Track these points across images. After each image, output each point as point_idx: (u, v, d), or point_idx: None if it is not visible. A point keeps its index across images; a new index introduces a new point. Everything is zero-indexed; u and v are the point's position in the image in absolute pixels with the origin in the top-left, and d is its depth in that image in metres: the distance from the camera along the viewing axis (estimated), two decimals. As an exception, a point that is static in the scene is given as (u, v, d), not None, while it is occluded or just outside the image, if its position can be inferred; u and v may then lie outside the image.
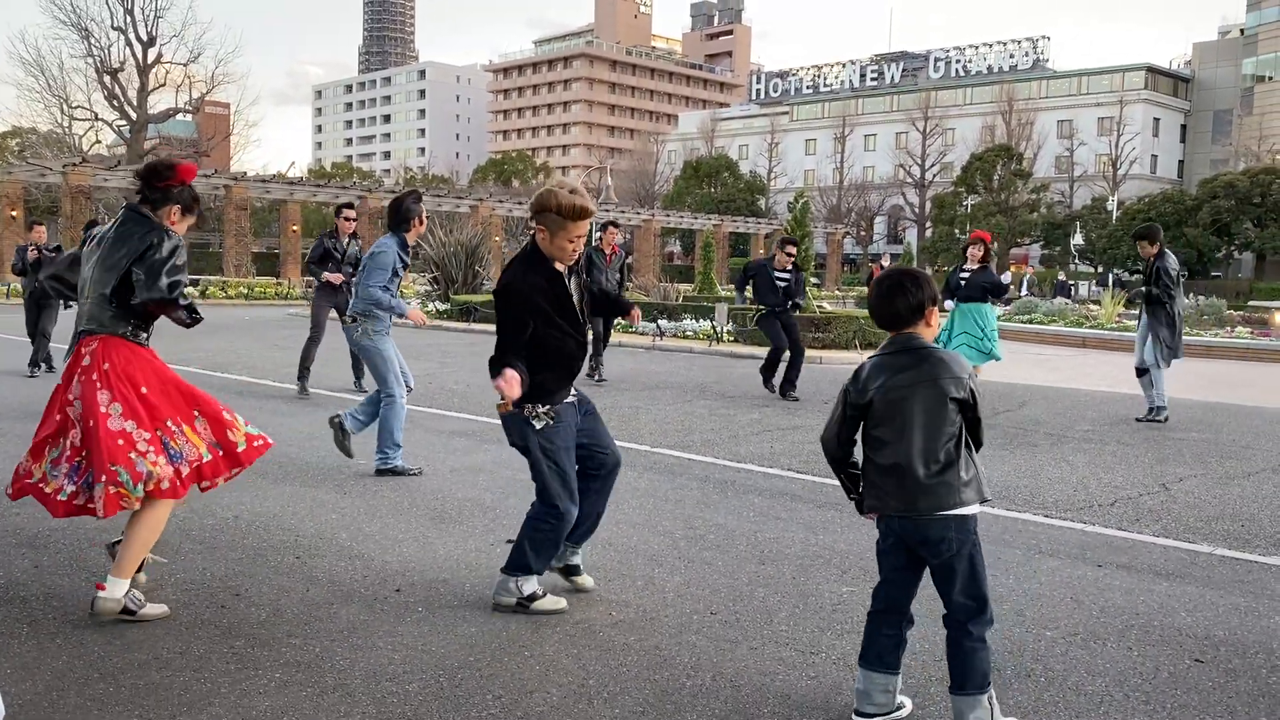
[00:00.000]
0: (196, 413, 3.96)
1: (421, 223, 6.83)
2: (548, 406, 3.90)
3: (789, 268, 11.23)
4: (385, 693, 3.23)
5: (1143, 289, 9.54)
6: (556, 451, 3.94)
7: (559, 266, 3.91)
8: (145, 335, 3.98)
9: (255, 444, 4.07)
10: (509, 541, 5.00)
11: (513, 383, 3.67)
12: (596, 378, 11.97)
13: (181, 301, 3.90)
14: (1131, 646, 3.81)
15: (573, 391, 4.07)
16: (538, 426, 3.89)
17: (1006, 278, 11.69)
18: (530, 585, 4.00)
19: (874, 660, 3.09)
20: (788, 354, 11.13)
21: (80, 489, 3.78)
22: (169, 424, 3.84)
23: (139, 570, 4.05)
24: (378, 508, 5.64)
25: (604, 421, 4.25)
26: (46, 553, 4.64)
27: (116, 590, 3.73)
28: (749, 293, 11.65)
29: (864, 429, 3.11)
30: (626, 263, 12.77)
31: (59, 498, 3.77)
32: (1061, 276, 43.62)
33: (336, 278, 10.12)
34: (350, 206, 10.79)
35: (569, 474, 3.98)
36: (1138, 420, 9.66)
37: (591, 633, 3.80)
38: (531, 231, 4.01)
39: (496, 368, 3.76)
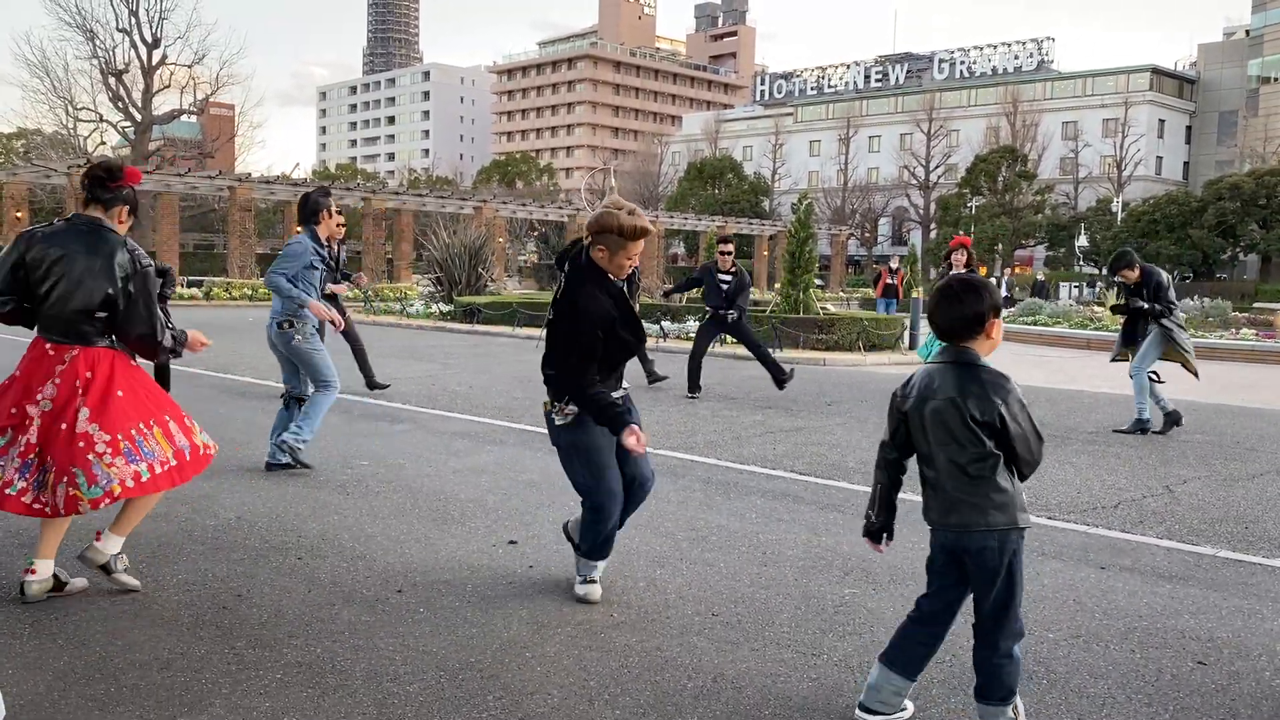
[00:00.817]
0: (167, 417, 4.04)
1: (331, 216, 6.86)
2: (574, 407, 4.05)
3: (731, 270, 11.08)
4: (387, 693, 3.23)
5: (1142, 305, 9.16)
6: (588, 450, 4.09)
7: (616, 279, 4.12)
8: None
9: (208, 450, 4.20)
10: (511, 543, 5.01)
11: (643, 440, 3.93)
12: None
13: (165, 343, 4.06)
14: (1134, 649, 3.80)
15: (623, 387, 4.26)
16: (558, 422, 4.09)
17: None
18: (596, 570, 4.29)
19: (897, 662, 3.05)
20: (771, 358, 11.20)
21: (30, 486, 3.82)
22: (141, 426, 3.91)
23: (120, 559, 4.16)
24: (379, 509, 5.64)
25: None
26: (49, 553, 4.64)
27: (112, 545, 4.04)
28: (695, 294, 11.63)
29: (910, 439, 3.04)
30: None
31: (8, 492, 3.80)
32: (1040, 277, 43.38)
33: (341, 288, 10.22)
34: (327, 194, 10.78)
35: (602, 470, 4.11)
36: (1160, 431, 9.22)
37: (593, 633, 3.80)
38: (536, 233, 4.11)
39: (597, 409, 3.94)
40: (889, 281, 21.71)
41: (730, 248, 11.25)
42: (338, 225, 10.19)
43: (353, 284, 10.67)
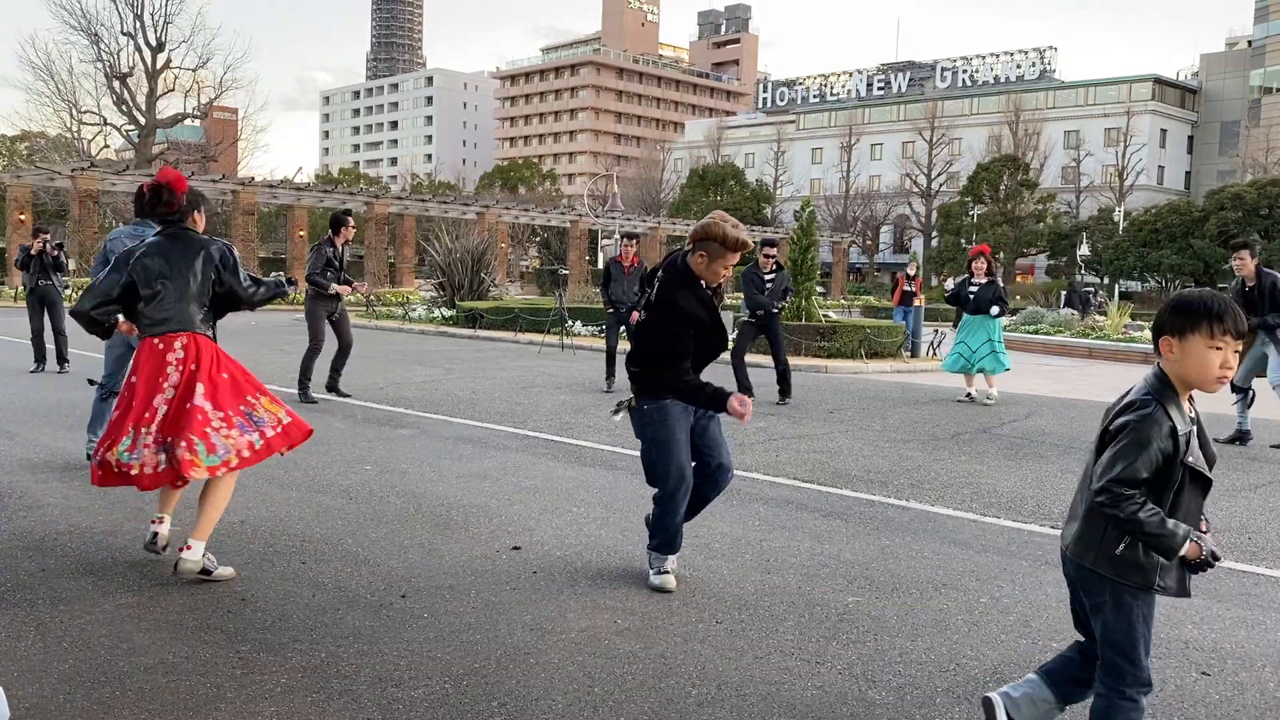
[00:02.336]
0: (261, 395, 4.48)
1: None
2: (644, 401, 4.45)
3: (770, 271, 11.47)
4: (391, 699, 3.23)
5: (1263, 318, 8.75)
6: (666, 443, 4.41)
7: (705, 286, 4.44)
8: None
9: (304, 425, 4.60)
10: (515, 549, 5.02)
11: (748, 404, 4.22)
12: (608, 386, 11.97)
13: (264, 293, 4.69)
14: (1138, 659, 3.80)
15: None
16: (617, 417, 4.60)
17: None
18: (667, 563, 4.54)
19: (1041, 672, 2.94)
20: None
21: (159, 458, 4.24)
22: (249, 399, 4.39)
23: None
24: (383, 513, 5.65)
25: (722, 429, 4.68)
26: (53, 556, 4.65)
27: (198, 551, 4.27)
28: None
29: None
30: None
31: (146, 471, 4.21)
32: (1087, 287, 42.73)
33: (346, 289, 10.22)
34: (349, 213, 10.81)
35: (674, 459, 4.42)
36: (1222, 441, 8.99)
37: (597, 640, 3.80)
38: (538, 239, 4.24)
39: (696, 393, 4.33)
40: (907, 289, 21.34)
41: (774, 250, 11.68)
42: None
43: (353, 289, 10.68)
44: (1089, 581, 2.68)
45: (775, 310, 11.38)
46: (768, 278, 11.42)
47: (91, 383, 6.99)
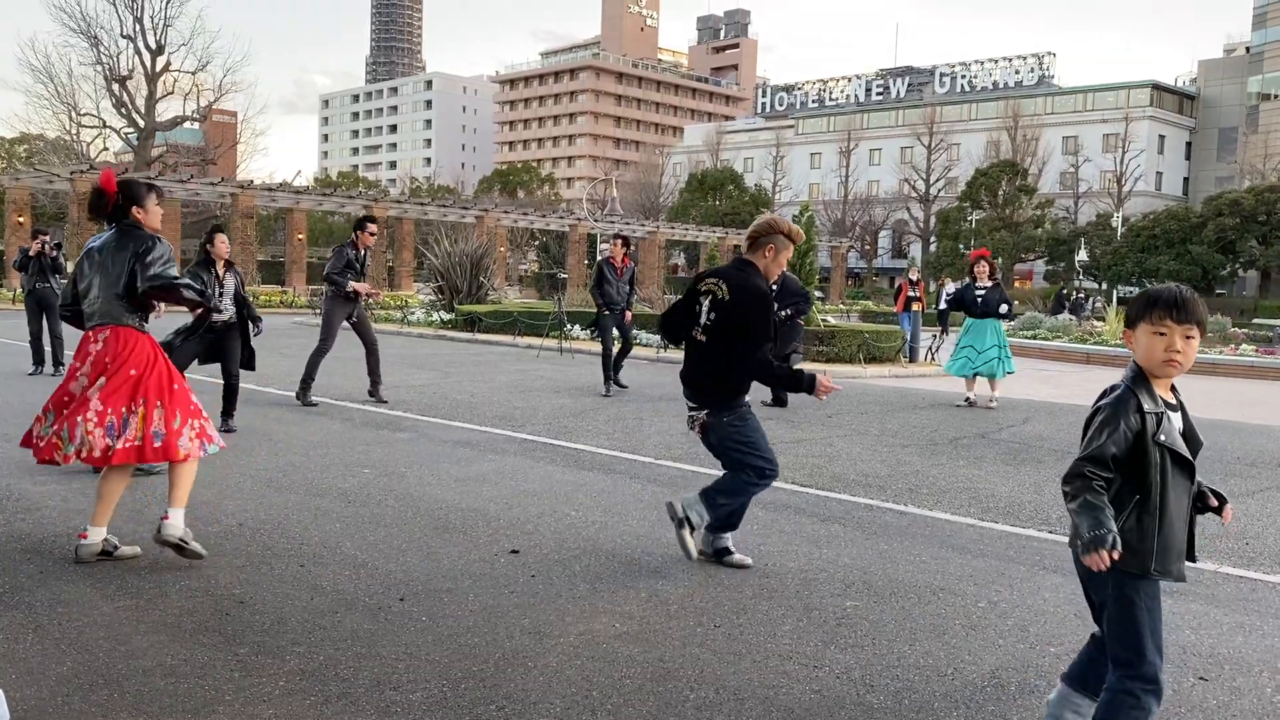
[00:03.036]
0: (159, 402, 4.50)
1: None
2: (722, 414, 4.66)
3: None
4: (389, 702, 3.23)
5: None
6: (751, 442, 4.67)
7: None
8: (146, 324, 4.71)
9: (205, 446, 4.64)
10: (513, 552, 5.02)
11: (829, 375, 4.60)
12: (607, 390, 11.97)
13: (181, 285, 4.69)
14: (1136, 664, 3.80)
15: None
16: (747, 422, 4.71)
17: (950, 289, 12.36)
18: (729, 540, 4.87)
19: (1067, 679, 2.97)
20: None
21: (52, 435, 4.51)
22: (135, 403, 4.45)
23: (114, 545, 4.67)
24: (381, 516, 5.65)
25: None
26: (51, 559, 4.65)
27: (178, 520, 4.52)
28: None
29: None
30: (634, 276, 12.86)
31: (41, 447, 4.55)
32: (1081, 294, 42.20)
33: (364, 287, 10.25)
34: (373, 220, 10.82)
35: (766, 448, 4.72)
36: None
37: (595, 644, 3.80)
38: (537, 242, 4.33)
39: (791, 381, 4.53)
40: (911, 294, 21.01)
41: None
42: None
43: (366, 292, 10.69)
44: (1095, 575, 2.69)
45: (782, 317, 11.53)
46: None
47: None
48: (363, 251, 10.40)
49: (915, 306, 19.86)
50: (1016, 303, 15.61)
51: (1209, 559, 5.39)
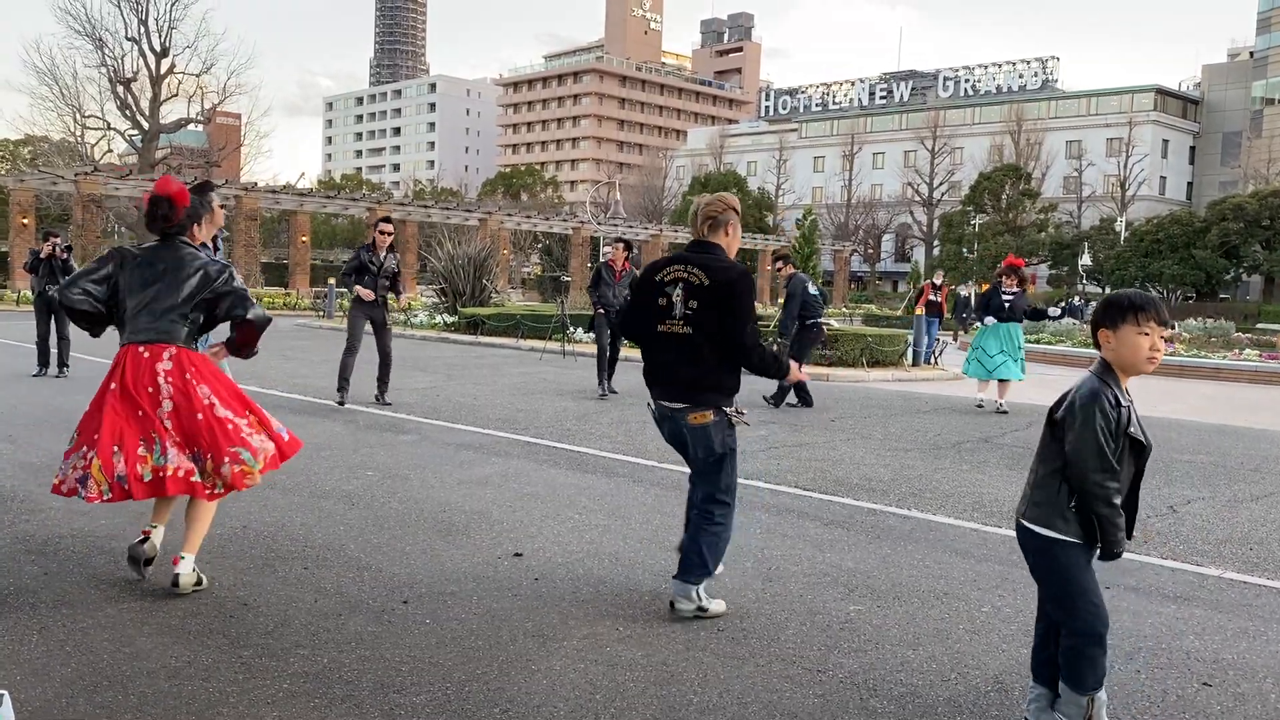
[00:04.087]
0: (248, 411, 4.36)
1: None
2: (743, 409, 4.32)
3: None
4: (393, 704, 3.23)
5: None
6: (735, 454, 4.30)
7: None
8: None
9: (288, 441, 4.47)
10: (517, 555, 5.02)
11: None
12: (603, 391, 11.97)
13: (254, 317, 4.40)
14: (1139, 669, 3.80)
15: None
16: (735, 429, 4.27)
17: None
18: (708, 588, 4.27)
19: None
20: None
21: (192, 467, 4.13)
22: (247, 413, 4.32)
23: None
24: (385, 519, 5.65)
25: None
26: (56, 560, 4.66)
27: (189, 564, 4.26)
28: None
29: None
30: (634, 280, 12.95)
31: (164, 476, 4.05)
32: (1077, 301, 42.14)
33: (368, 294, 10.14)
34: (388, 220, 10.77)
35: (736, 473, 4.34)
36: None
37: (599, 647, 3.80)
38: (540, 245, 4.27)
39: (776, 364, 4.32)
40: (932, 298, 20.39)
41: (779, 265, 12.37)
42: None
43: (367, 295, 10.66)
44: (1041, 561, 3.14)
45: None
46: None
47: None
48: (382, 254, 10.37)
49: (919, 311, 19.80)
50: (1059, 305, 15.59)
51: (1212, 564, 5.38)
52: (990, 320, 11.96)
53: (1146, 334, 2.95)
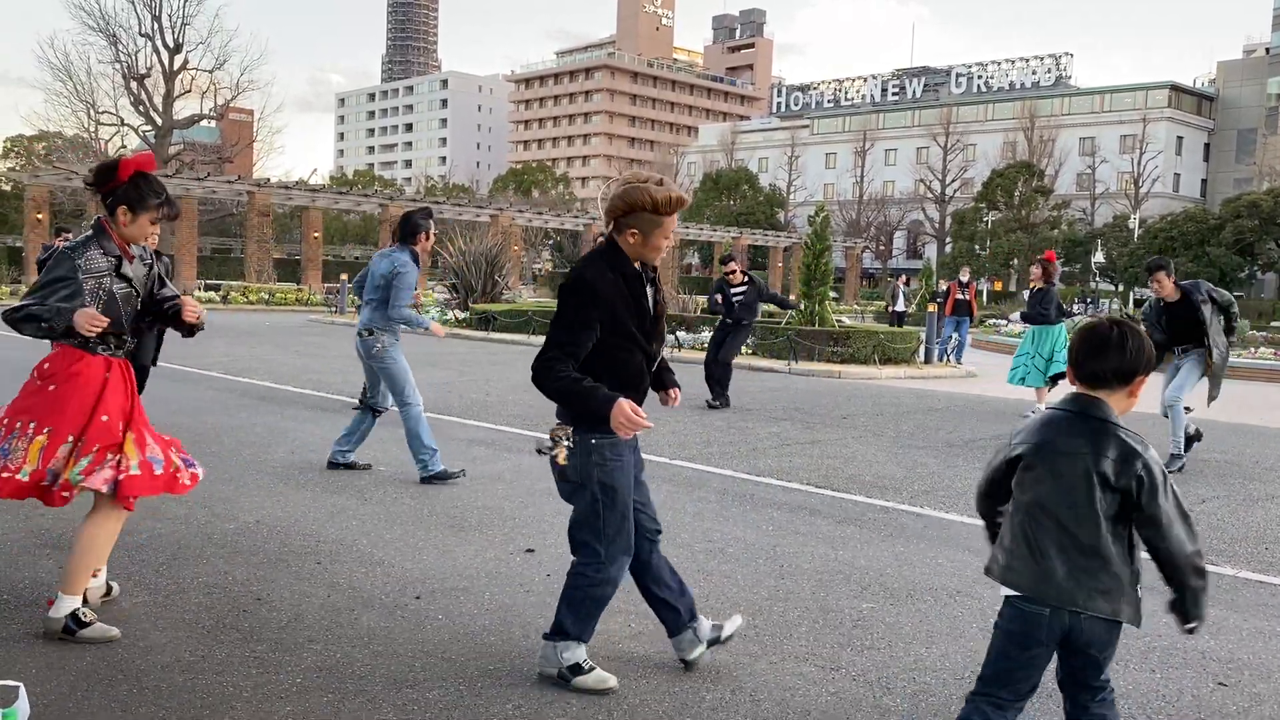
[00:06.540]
0: (72, 437, 3.67)
1: (429, 238, 7.01)
2: (611, 438, 3.30)
3: (740, 283, 11.65)
4: (406, 700, 3.24)
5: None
6: (617, 491, 3.35)
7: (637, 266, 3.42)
8: (95, 344, 3.79)
9: (184, 479, 3.81)
10: (529, 551, 5.02)
11: (638, 412, 3.21)
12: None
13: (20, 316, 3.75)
14: (1154, 669, 3.79)
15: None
16: (596, 459, 3.33)
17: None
18: (574, 653, 3.40)
19: None
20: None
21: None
22: (22, 425, 3.67)
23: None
24: (398, 514, 5.66)
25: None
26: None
27: (65, 606, 3.62)
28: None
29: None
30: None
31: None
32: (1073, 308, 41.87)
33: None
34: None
35: (628, 520, 3.39)
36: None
37: (611, 644, 3.80)
38: (552, 241, 3.99)
39: (592, 400, 3.21)
40: (960, 297, 19.14)
41: (733, 266, 11.82)
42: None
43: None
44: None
45: (745, 323, 11.68)
46: (735, 292, 11.57)
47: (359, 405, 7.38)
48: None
49: (930, 308, 19.66)
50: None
51: (1228, 564, 5.35)
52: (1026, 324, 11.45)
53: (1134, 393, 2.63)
